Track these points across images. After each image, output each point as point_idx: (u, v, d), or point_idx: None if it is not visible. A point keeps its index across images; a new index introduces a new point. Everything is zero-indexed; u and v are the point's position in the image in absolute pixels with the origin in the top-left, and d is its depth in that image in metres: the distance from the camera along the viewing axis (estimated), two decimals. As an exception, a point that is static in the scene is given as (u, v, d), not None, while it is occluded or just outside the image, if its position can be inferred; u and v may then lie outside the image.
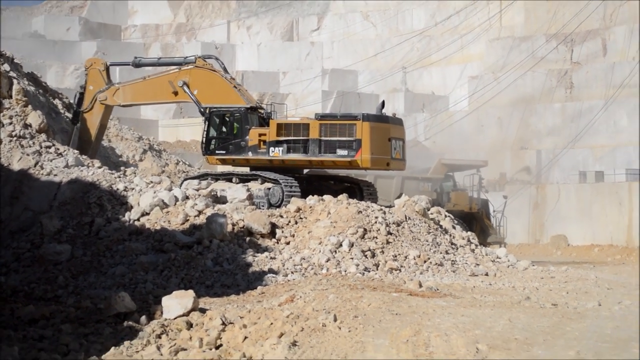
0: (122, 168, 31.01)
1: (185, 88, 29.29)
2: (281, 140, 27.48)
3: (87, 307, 16.80)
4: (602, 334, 13.59)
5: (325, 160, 27.26)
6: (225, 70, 29.65)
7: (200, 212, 23.92)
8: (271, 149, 27.57)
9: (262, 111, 28.63)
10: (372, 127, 26.92)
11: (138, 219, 23.95)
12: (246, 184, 27.38)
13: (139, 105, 36.70)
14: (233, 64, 71.70)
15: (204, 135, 28.63)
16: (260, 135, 27.76)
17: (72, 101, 41.15)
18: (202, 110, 28.83)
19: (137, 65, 31.60)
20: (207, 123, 28.57)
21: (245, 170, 28.57)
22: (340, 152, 26.88)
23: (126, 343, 13.87)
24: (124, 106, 32.27)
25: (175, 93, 29.71)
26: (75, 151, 28.33)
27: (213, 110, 28.59)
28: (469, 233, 27.04)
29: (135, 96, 31.09)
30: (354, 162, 26.89)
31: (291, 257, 22.09)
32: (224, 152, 28.38)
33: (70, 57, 69.03)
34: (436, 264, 22.71)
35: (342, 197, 25.30)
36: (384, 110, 28.10)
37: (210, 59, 29.96)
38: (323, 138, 27.02)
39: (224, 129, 28.44)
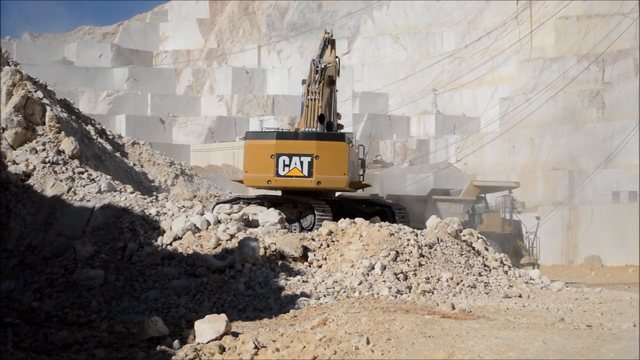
0: (154, 193, 31.15)
1: None
2: None
3: (120, 331, 16.84)
4: (638, 356, 13.46)
5: (241, 179, 27.74)
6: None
7: (232, 236, 23.94)
8: None
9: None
10: (248, 144, 26.89)
11: (170, 244, 24.01)
12: (278, 207, 27.41)
13: None
14: (264, 88, 72.03)
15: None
16: None
17: (104, 127, 41.47)
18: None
19: None
20: None
21: (277, 193, 28.64)
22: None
23: (159, 367, 13.90)
24: None
25: None
26: (108, 176, 28.50)
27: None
28: (502, 255, 26.89)
29: None
30: (242, 181, 27.45)
31: (323, 280, 22.06)
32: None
33: (103, 84, 69.63)
34: (469, 286, 22.60)
35: (374, 219, 25.23)
36: (322, 126, 27.90)
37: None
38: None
39: None
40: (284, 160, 26.51)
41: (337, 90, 31.32)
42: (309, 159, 26.52)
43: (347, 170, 26.76)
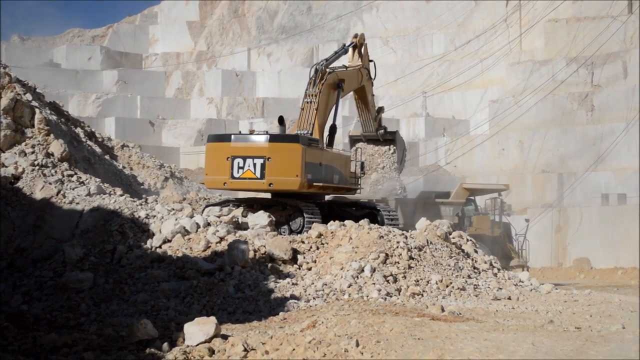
0: (143, 196, 31.11)
1: None
2: None
3: (109, 334, 16.82)
4: (627, 358, 13.49)
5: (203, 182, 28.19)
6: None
7: (221, 239, 23.93)
8: None
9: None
10: (209, 147, 27.19)
11: (160, 246, 23.98)
12: (267, 210, 27.39)
13: None
14: (254, 91, 71.96)
15: None
16: None
17: (94, 129, 41.42)
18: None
19: None
20: None
21: (267, 196, 28.61)
22: None
23: (148, 370, 13.89)
24: None
25: None
26: (97, 179, 28.46)
27: None
28: (491, 257, 26.94)
29: None
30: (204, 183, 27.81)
31: (313, 283, 22.06)
32: None
33: (92, 86, 69.48)
34: (458, 288, 22.63)
35: (364, 222, 25.25)
36: (282, 127, 27.92)
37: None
38: None
39: None
40: (238, 163, 26.56)
41: (373, 95, 31.90)
42: (261, 160, 26.46)
43: (302, 172, 26.55)
